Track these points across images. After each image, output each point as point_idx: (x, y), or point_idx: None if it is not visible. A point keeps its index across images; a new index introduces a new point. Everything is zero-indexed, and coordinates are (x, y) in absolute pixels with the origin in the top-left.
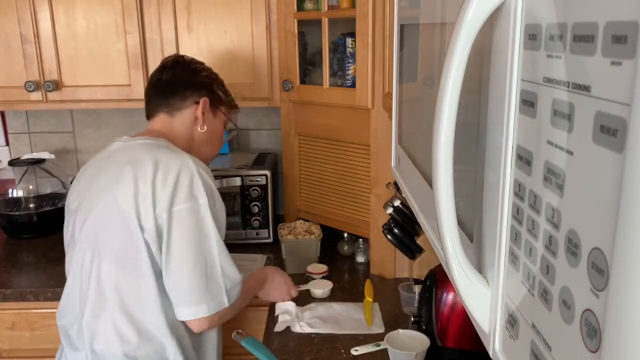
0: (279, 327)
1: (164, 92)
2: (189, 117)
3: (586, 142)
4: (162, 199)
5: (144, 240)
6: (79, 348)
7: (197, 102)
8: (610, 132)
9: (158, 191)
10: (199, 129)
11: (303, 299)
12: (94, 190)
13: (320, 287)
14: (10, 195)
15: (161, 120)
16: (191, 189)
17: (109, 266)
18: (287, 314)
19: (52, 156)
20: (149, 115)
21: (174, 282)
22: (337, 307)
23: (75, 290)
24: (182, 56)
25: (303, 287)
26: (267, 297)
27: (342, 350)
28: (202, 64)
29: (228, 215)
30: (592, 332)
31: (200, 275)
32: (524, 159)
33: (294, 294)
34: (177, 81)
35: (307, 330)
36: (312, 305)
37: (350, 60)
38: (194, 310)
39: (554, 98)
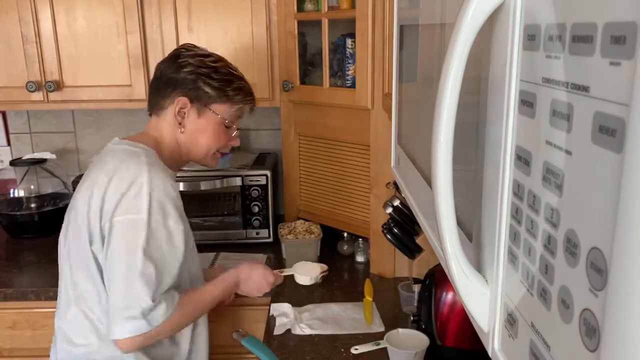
0: (278, 330)
1: (152, 90)
2: (172, 118)
3: (585, 142)
4: (108, 209)
5: (90, 250)
6: (55, 345)
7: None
8: (609, 132)
9: (107, 202)
10: (179, 132)
11: (299, 299)
12: (75, 197)
13: (306, 273)
14: (11, 195)
15: (153, 121)
16: (136, 201)
17: (72, 272)
18: (284, 316)
19: (54, 156)
20: (149, 114)
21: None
22: (335, 308)
23: (61, 289)
24: (183, 48)
25: (286, 272)
26: (247, 294)
27: (342, 350)
28: (196, 56)
29: (228, 215)
30: (591, 332)
31: (120, 294)
32: (523, 159)
33: (272, 279)
34: (161, 78)
35: (308, 331)
36: (310, 306)
37: (350, 61)
38: (115, 329)
39: (553, 98)
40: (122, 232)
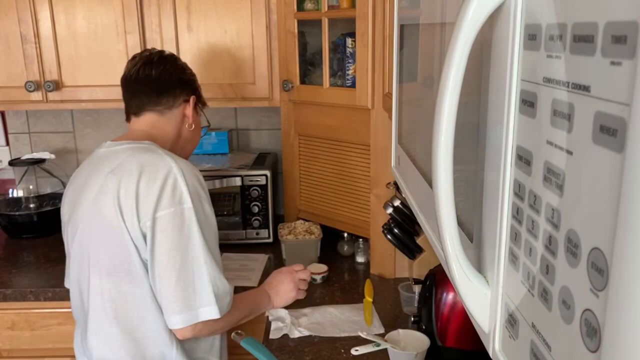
0: (273, 335)
1: (155, 90)
2: (179, 115)
3: (586, 142)
4: (146, 205)
5: (135, 250)
6: (86, 354)
7: (187, 101)
8: (609, 132)
9: (141, 198)
10: (187, 127)
11: (297, 301)
12: (81, 203)
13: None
14: (10, 195)
15: (149, 119)
16: (175, 193)
17: (102, 279)
18: (280, 320)
19: (52, 156)
20: (134, 113)
21: (160, 290)
22: (333, 311)
23: (77, 301)
24: (163, 51)
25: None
26: (282, 304)
27: (342, 350)
28: (179, 58)
29: (228, 215)
30: (592, 332)
31: (185, 283)
32: (523, 159)
33: (303, 278)
34: (169, 78)
35: (307, 333)
36: (307, 310)
37: (350, 61)
38: (181, 318)
39: (553, 98)
40: (170, 226)
